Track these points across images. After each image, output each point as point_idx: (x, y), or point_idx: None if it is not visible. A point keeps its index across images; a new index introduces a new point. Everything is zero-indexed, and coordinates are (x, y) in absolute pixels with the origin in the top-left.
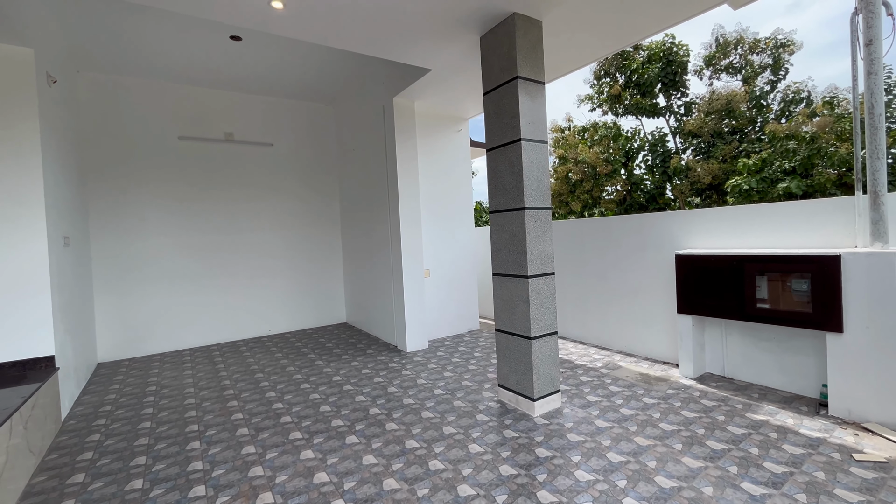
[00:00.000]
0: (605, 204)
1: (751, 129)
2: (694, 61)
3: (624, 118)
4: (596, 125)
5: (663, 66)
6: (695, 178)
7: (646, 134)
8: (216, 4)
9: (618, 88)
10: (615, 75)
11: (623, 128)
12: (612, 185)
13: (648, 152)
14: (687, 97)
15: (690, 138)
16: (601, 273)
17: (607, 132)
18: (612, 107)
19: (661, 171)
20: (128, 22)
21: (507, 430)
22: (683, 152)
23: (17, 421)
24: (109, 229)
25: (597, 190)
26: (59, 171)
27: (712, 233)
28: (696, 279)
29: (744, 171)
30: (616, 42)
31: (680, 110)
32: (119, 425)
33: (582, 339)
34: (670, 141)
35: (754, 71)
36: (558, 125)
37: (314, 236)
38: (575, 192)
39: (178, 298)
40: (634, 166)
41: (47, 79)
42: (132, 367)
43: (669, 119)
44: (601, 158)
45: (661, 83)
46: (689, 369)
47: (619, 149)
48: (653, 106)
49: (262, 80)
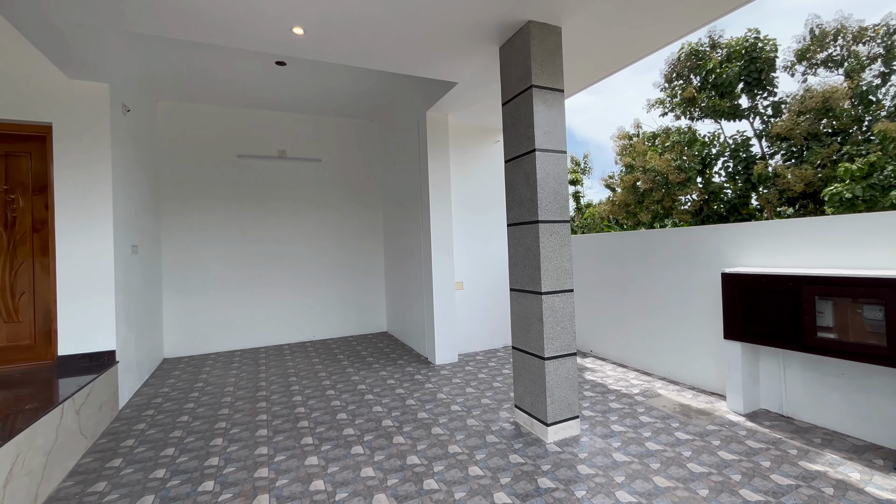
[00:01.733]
0: (678, 214)
1: (855, 130)
2: (783, 56)
3: (700, 122)
4: (668, 131)
5: (745, 63)
6: (784, 186)
7: (726, 138)
8: (246, 35)
9: (692, 91)
10: (688, 77)
11: (699, 132)
12: (687, 195)
13: (729, 158)
14: (775, 96)
15: (779, 142)
16: (643, 291)
17: (680, 138)
18: (685, 111)
19: (744, 178)
20: (189, 56)
21: (514, 455)
22: (771, 157)
23: (69, 407)
24: (177, 239)
25: (668, 200)
26: (130, 188)
27: (768, 249)
28: (745, 301)
29: (846, 177)
30: (647, 45)
31: (766, 111)
32: (162, 416)
33: (622, 362)
34: (755, 145)
35: (860, 63)
36: (625, 132)
37: (358, 247)
38: (643, 203)
39: (232, 303)
40: (712, 174)
41: (122, 108)
42: (189, 364)
43: (754, 121)
44: (673, 166)
45: (743, 82)
46: (737, 403)
47: (695, 155)
48: (733, 108)
49: (309, 100)
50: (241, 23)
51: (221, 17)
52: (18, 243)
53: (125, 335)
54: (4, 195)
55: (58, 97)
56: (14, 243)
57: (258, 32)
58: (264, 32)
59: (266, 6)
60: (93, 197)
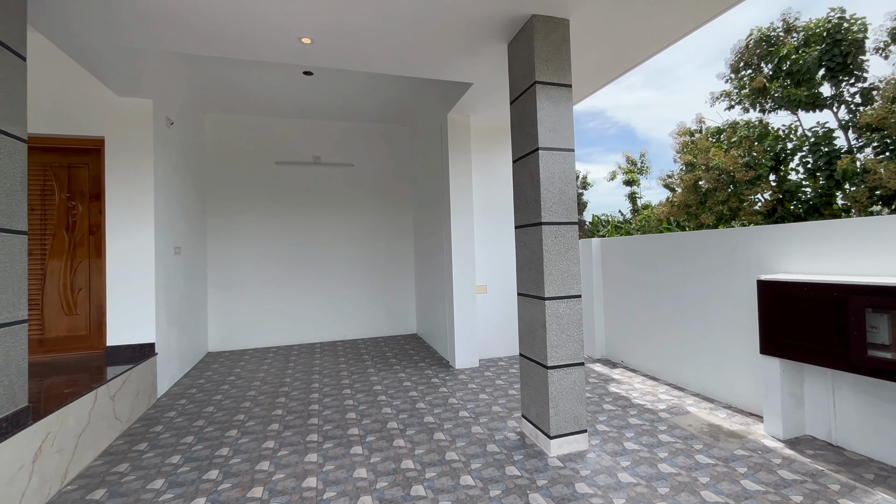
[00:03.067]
0: (746, 216)
1: None
2: (874, 37)
3: (772, 114)
4: (735, 125)
5: (827, 47)
6: (876, 183)
7: (804, 131)
8: (259, 48)
9: (762, 80)
10: (758, 65)
11: (771, 125)
12: (758, 194)
13: (808, 153)
14: (864, 82)
15: (869, 133)
16: (676, 298)
17: (749, 132)
18: (754, 102)
19: (826, 174)
20: (223, 71)
21: (511, 467)
22: (859, 151)
23: (103, 393)
24: (221, 240)
25: (734, 200)
26: (172, 195)
27: (814, 253)
28: (784, 312)
29: None
30: (671, 32)
31: (853, 99)
32: (192, 406)
33: (654, 374)
34: (839, 137)
35: None
36: (686, 128)
37: (389, 249)
38: (706, 203)
39: (269, 302)
40: (788, 171)
41: (166, 122)
42: (228, 358)
43: (838, 111)
44: (740, 163)
45: (824, 68)
46: (776, 427)
47: (766, 150)
48: (812, 97)
49: (340, 107)
50: (254, 36)
51: (236, 33)
52: (77, 244)
53: (166, 329)
54: (67, 202)
55: (109, 113)
56: (74, 245)
57: (269, 44)
58: (275, 44)
59: (274, 19)
60: (137, 203)
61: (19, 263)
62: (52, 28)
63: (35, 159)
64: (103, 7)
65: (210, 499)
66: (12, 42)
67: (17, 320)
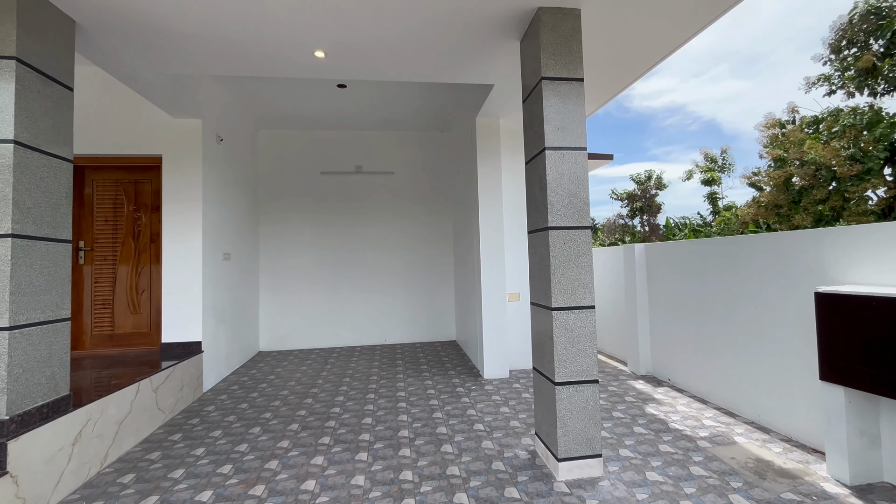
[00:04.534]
0: (853, 216)
1: None
2: None
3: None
4: (838, 112)
5: None
6: None
7: None
8: (277, 63)
9: (870, 58)
10: (865, 42)
11: (885, 110)
12: (867, 191)
13: None
14: None
15: None
16: (727, 311)
17: (856, 119)
18: (861, 85)
19: None
20: (271, 90)
21: (511, 489)
22: None
23: (145, 385)
24: (272, 246)
25: (836, 198)
26: (221, 205)
27: (892, 261)
28: (848, 332)
29: None
30: (705, 14)
31: None
32: (230, 402)
33: (703, 396)
34: None
35: None
36: (776, 119)
37: (429, 255)
38: (800, 203)
39: (314, 306)
40: None
41: (216, 139)
42: (274, 358)
43: None
44: (843, 156)
45: None
46: (841, 469)
47: (877, 140)
48: None
49: (378, 117)
50: (272, 53)
51: (256, 51)
52: (141, 251)
53: (213, 329)
54: (133, 213)
55: (165, 133)
56: (138, 251)
57: (287, 59)
58: (291, 58)
59: (288, 35)
60: (188, 213)
61: (63, 268)
62: (106, 60)
63: (108, 177)
64: (140, 38)
65: (216, 493)
66: (59, 75)
67: (60, 318)
